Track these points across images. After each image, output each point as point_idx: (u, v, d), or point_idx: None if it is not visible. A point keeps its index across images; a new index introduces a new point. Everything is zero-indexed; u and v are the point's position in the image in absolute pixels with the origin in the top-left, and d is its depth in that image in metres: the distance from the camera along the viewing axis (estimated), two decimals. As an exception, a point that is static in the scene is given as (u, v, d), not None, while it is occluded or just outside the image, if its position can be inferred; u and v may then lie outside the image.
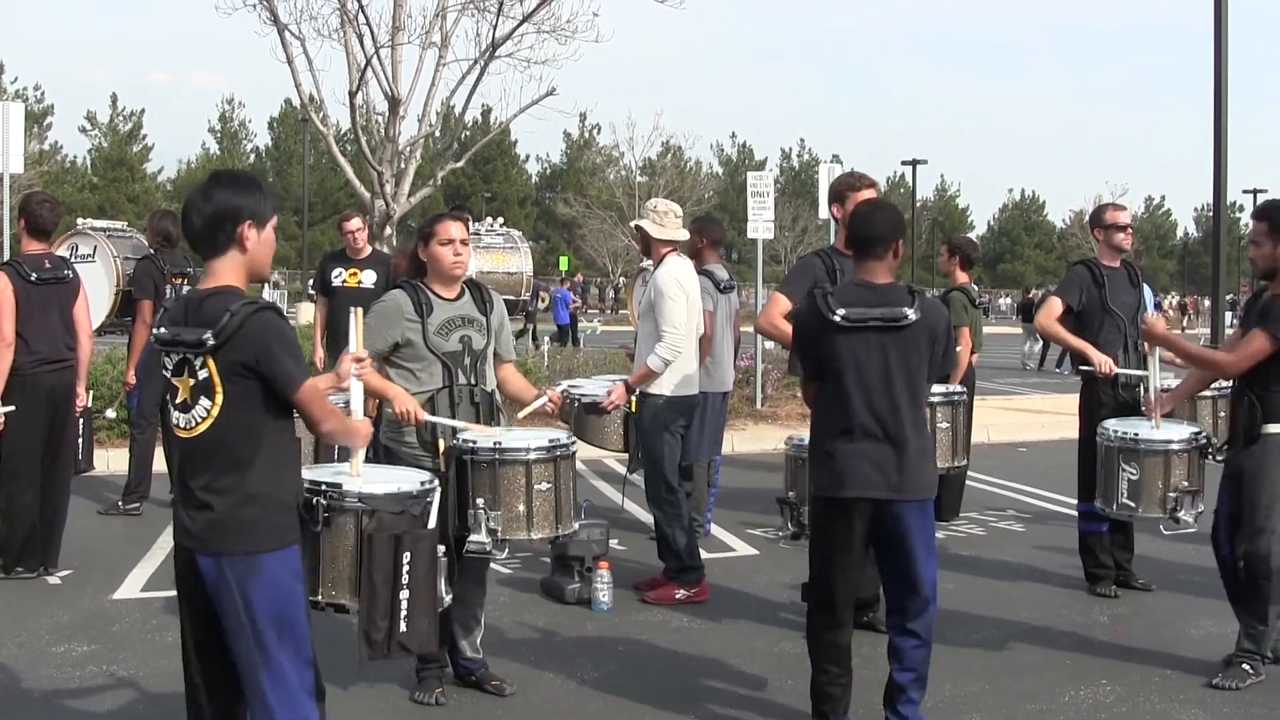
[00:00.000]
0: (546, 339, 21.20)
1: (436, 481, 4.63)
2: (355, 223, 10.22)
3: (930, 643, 4.96)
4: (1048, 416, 15.70)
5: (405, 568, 4.21)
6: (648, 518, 8.04)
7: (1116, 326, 7.33)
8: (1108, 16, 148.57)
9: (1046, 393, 20.14)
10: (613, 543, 7.84)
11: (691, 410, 7.43)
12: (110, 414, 9.72)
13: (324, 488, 4.24)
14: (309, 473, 4.31)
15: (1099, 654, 6.31)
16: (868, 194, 6.39)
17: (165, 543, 8.45)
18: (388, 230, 15.79)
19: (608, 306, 59.47)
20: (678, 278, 7.12)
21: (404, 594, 4.20)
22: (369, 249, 10.23)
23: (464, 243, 5.45)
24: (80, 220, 11.70)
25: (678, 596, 7.17)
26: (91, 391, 8.03)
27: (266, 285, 26.62)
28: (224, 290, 3.75)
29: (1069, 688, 5.77)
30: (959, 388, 7.12)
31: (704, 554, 7.80)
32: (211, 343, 3.66)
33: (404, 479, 4.55)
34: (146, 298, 9.24)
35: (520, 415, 5.63)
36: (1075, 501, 7.74)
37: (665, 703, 5.55)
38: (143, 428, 9.46)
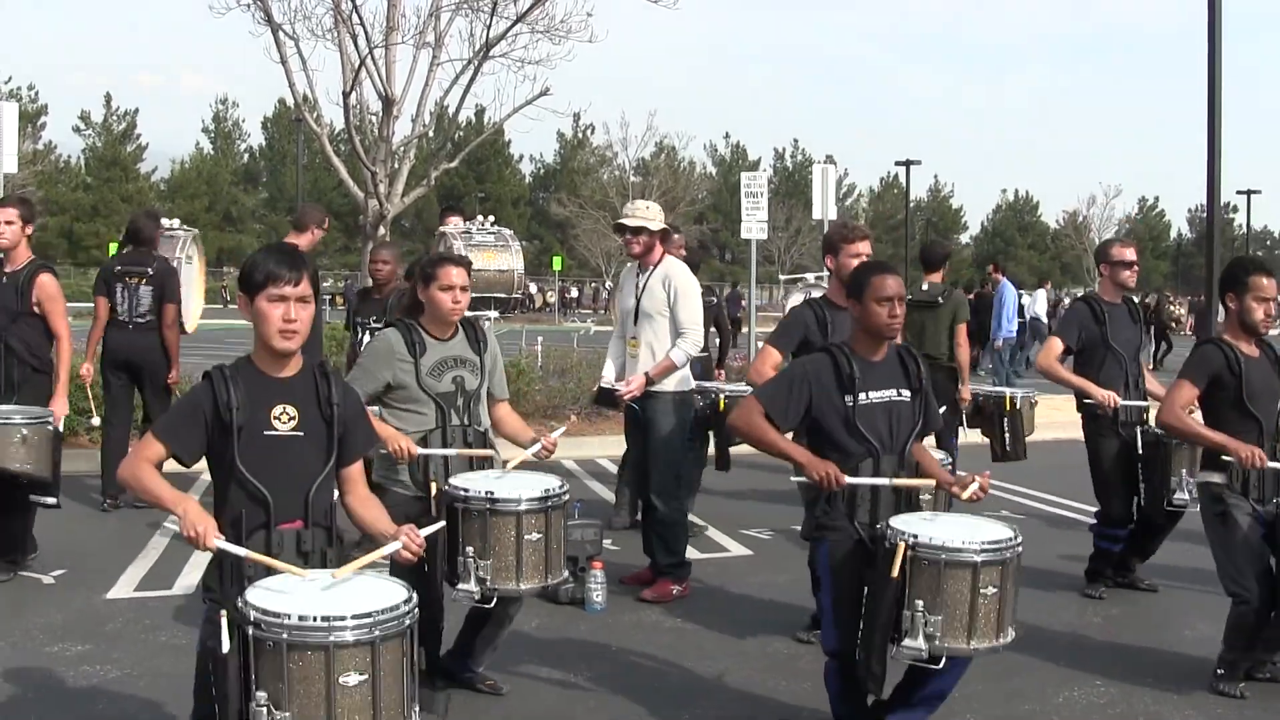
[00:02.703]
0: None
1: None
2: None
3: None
4: (1041, 418, 15.67)
5: None
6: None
7: (1118, 363, 7.34)
8: (1101, 16, 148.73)
9: (1040, 394, 20.13)
10: (606, 543, 7.84)
11: (693, 404, 7.63)
12: (95, 421, 9.70)
13: None
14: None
15: (1093, 655, 6.32)
16: (862, 246, 6.43)
17: (159, 542, 8.44)
18: (381, 230, 15.78)
19: (600, 306, 59.46)
20: (692, 277, 7.31)
21: None
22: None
23: (464, 289, 5.42)
24: (166, 222, 11.49)
25: (675, 592, 7.21)
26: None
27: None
28: None
29: (1063, 688, 5.78)
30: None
31: (698, 554, 7.84)
32: None
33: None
34: (100, 295, 9.47)
35: (509, 467, 5.47)
36: (1070, 502, 7.77)
37: (659, 703, 5.55)
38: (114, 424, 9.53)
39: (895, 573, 4.41)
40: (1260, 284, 5.76)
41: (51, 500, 7.29)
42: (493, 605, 5.11)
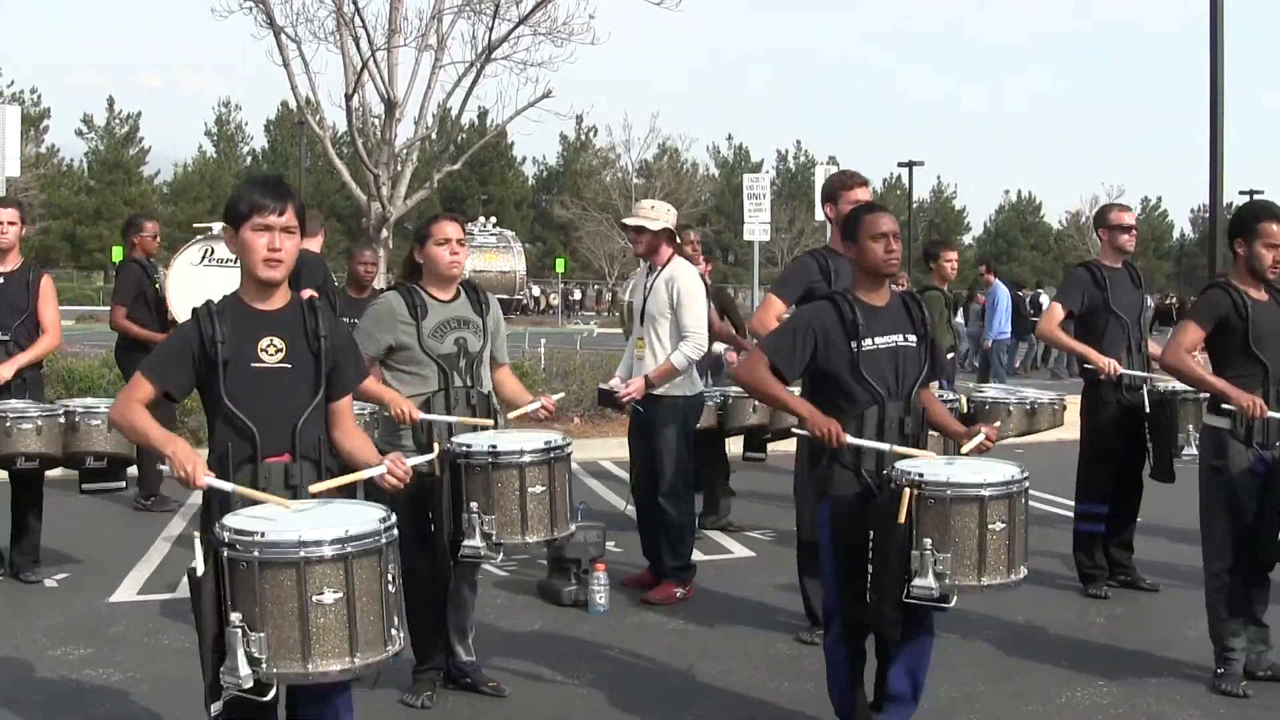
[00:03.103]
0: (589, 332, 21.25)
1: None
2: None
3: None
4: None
5: None
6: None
7: (1121, 328, 7.33)
8: (1102, 17, 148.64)
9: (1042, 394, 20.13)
10: (609, 545, 7.85)
11: (701, 408, 7.63)
12: None
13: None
14: None
15: (1095, 655, 6.32)
16: (860, 193, 6.39)
17: (162, 545, 8.46)
18: (384, 233, 15.80)
19: (604, 309, 59.46)
20: (697, 279, 7.28)
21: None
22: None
23: (460, 243, 5.43)
24: (213, 226, 11.44)
25: (678, 595, 7.22)
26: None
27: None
28: None
29: (1065, 689, 5.78)
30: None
31: (700, 556, 7.83)
32: None
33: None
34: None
35: (511, 416, 5.51)
36: (1071, 503, 7.76)
37: (661, 705, 5.56)
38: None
39: (902, 517, 4.37)
40: (1270, 230, 5.71)
41: (120, 484, 7.62)
42: (448, 590, 5.18)
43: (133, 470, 8.06)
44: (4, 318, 7.51)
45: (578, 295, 63.23)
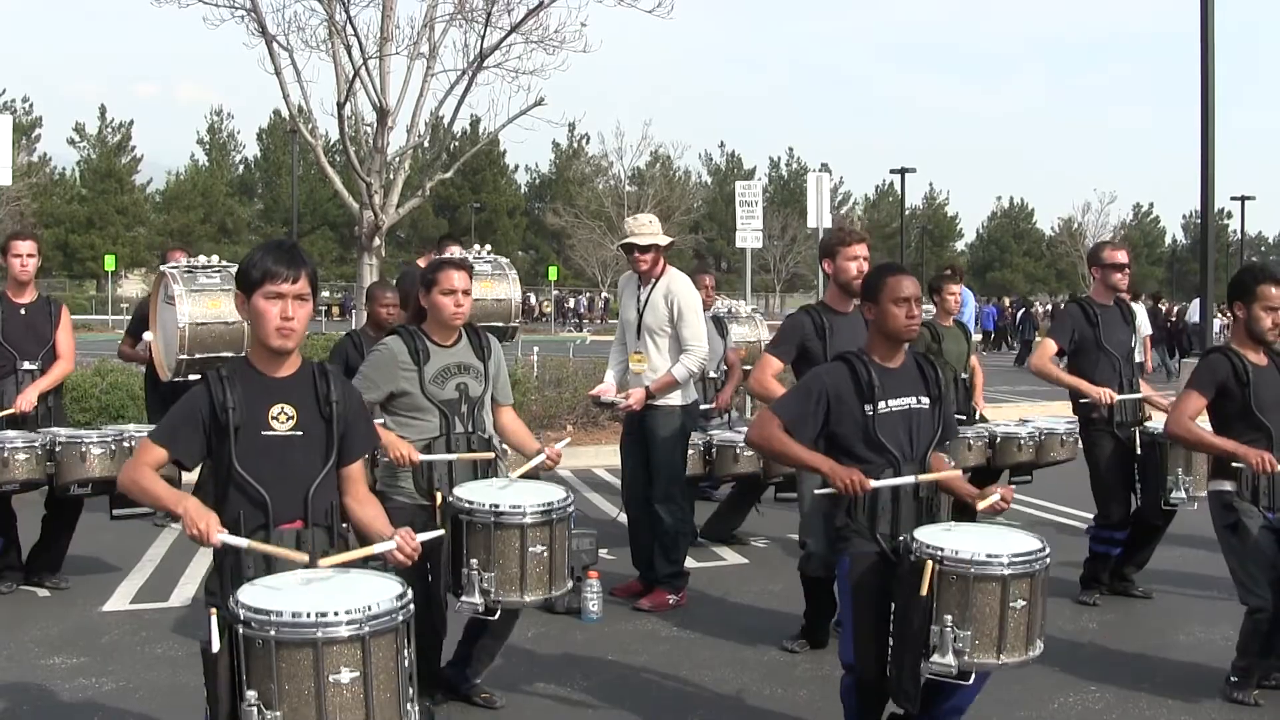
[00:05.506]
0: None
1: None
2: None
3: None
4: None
5: None
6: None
7: (1111, 365, 7.36)
8: (1095, 24, 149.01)
9: (1036, 400, 20.16)
10: (602, 553, 7.84)
11: (697, 416, 7.68)
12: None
13: None
14: None
15: (1088, 661, 6.33)
16: (858, 249, 6.42)
17: (155, 555, 8.44)
18: (377, 241, 15.79)
19: (596, 316, 59.45)
20: (694, 290, 7.34)
21: None
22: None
23: (466, 293, 5.38)
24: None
25: (671, 602, 7.21)
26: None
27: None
28: None
29: (1057, 694, 5.79)
30: None
31: (693, 563, 7.83)
32: None
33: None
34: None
35: (514, 476, 5.45)
36: (1066, 509, 7.77)
37: (655, 713, 5.56)
38: None
39: (924, 590, 4.34)
40: (1269, 293, 5.70)
41: (149, 509, 7.58)
42: (495, 617, 5.07)
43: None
44: (30, 347, 7.66)
45: (571, 304, 63.23)
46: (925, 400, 4.82)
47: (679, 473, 7.30)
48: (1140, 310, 23.61)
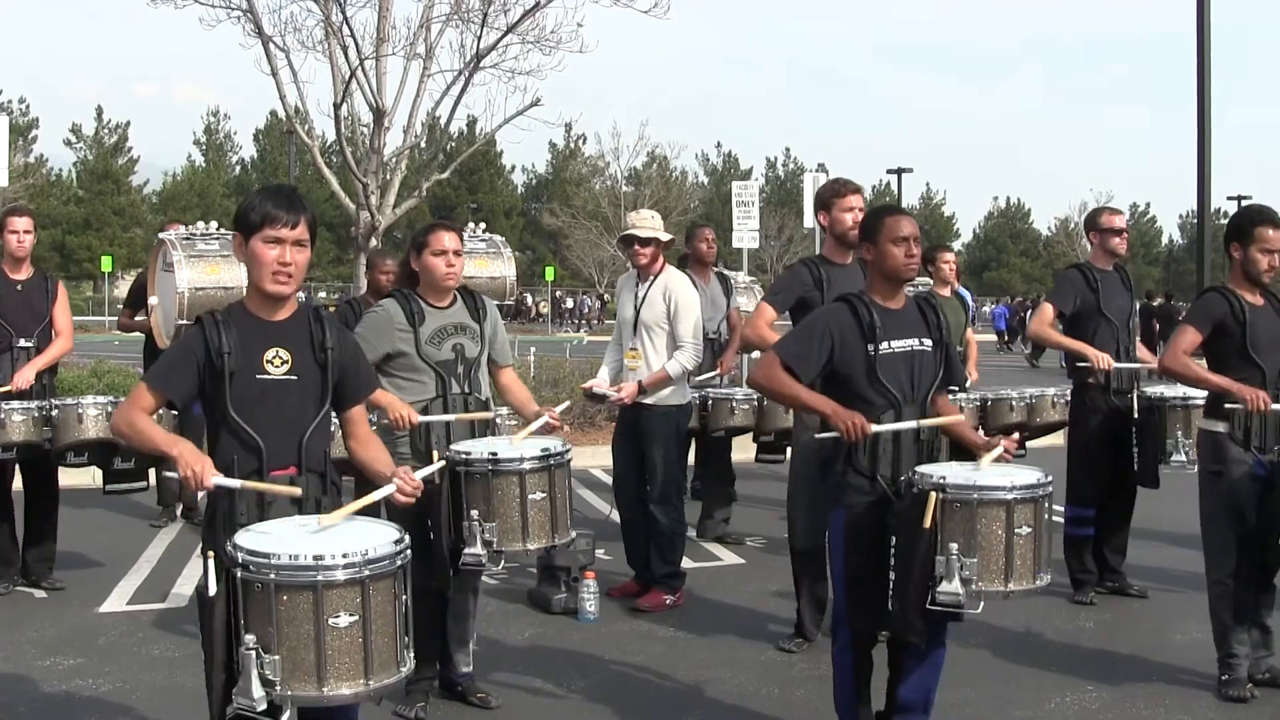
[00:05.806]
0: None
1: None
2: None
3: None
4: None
5: None
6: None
7: (1110, 331, 7.34)
8: (1091, 25, 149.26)
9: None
10: (599, 553, 7.85)
11: (690, 416, 7.71)
12: None
13: None
14: None
15: (1084, 660, 6.33)
16: (854, 200, 6.42)
17: (152, 555, 8.44)
18: (374, 241, 15.77)
19: (592, 317, 59.40)
20: (692, 288, 7.32)
21: None
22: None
23: (457, 253, 5.42)
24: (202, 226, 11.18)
25: (668, 602, 7.21)
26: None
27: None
28: None
29: (1054, 694, 5.79)
30: None
31: (690, 563, 7.82)
32: None
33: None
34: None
35: (516, 439, 5.45)
36: (1061, 508, 7.76)
37: (652, 713, 5.56)
38: None
39: (928, 522, 4.32)
40: (1265, 234, 5.71)
41: (142, 485, 7.63)
42: (499, 566, 5.11)
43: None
44: (26, 324, 7.62)
45: (569, 304, 63.15)
46: (928, 342, 4.80)
47: (676, 474, 7.29)
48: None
